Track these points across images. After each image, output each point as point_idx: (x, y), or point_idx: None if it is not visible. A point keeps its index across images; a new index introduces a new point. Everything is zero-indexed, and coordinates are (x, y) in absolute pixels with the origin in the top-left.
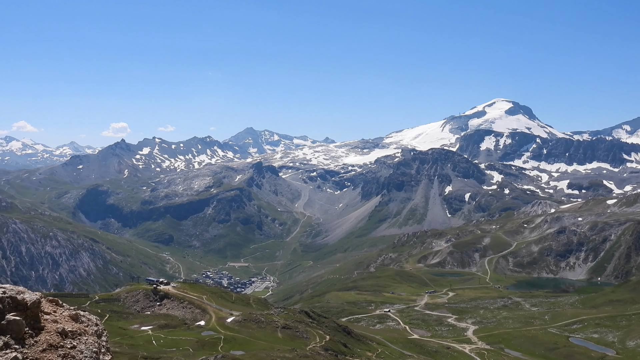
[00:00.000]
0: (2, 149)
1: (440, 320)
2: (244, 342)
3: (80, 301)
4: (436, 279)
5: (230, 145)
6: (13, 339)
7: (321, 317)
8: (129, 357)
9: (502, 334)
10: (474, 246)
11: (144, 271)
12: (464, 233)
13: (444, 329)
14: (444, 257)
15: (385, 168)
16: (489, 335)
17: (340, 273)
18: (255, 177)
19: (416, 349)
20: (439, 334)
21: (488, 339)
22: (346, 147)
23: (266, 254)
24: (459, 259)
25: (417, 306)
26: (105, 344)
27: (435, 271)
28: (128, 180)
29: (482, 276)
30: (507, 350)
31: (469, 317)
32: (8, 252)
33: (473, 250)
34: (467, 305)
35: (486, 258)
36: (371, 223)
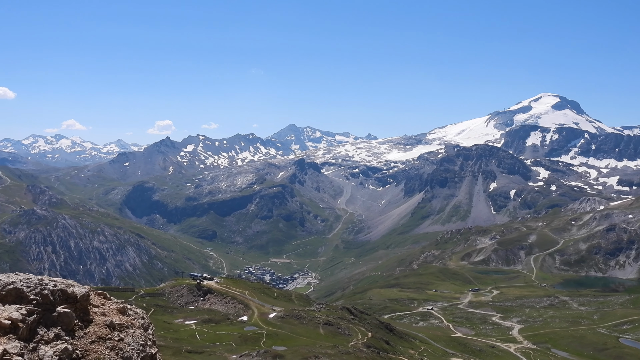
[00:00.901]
0: (53, 146)
1: (484, 319)
2: (286, 338)
3: (126, 295)
4: (480, 276)
5: (272, 142)
6: (63, 331)
7: (363, 314)
8: (173, 350)
9: (549, 334)
10: (520, 244)
11: (188, 266)
12: (509, 230)
13: (488, 327)
14: (489, 254)
15: (428, 164)
16: (534, 335)
17: (382, 270)
18: (298, 173)
19: (460, 347)
20: (483, 332)
21: (534, 339)
22: (389, 144)
23: (308, 250)
24: (503, 256)
25: (461, 304)
26: (152, 337)
27: (479, 269)
28: (173, 177)
29: (528, 274)
30: (553, 350)
31: (514, 315)
32: (58, 247)
33: (518, 248)
34: (512, 304)
35: (532, 256)
36: (414, 220)
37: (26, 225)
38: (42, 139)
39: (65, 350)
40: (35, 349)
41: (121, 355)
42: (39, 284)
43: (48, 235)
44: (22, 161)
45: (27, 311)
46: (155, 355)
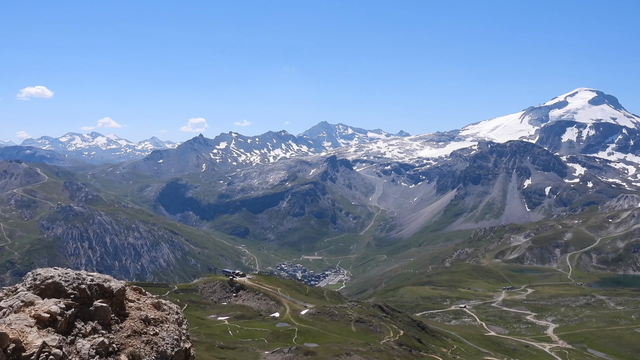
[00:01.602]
0: (89, 144)
1: (518, 318)
2: (318, 335)
3: (160, 291)
4: (514, 275)
5: (304, 139)
6: (100, 325)
7: (395, 312)
8: (206, 346)
9: (585, 333)
10: (555, 242)
11: (221, 263)
12: (544, 228)
13: (522, 326)
14: (523, 252)
15: (461, 161)
16: (570, 334)
17: (414, 267)
18: (330, 170)
19: (493, 346)
20: (517, 331)
21: (569, 338)
22: (421, 140)
23: (340, 247)
24: (538, 254)
25: (494, 302)
26: (186, 332)
27: (513, 267)
28: (206, 174)
29: (563, 273)
30: (590, 350)
31: (549, 314)
32: (94, 243)
33: (554, 246)
34: (547, 303)
35: (568, 254)
36: (446, 217)
37: (63, 221)
38: (78, 137)
39: (102, 344)
40: (73, 342)
41: (156, 349)
42: (76, 278)
43: (84, 231)
44: (59, 158)
45: (65, 305)
46: (189, 350)
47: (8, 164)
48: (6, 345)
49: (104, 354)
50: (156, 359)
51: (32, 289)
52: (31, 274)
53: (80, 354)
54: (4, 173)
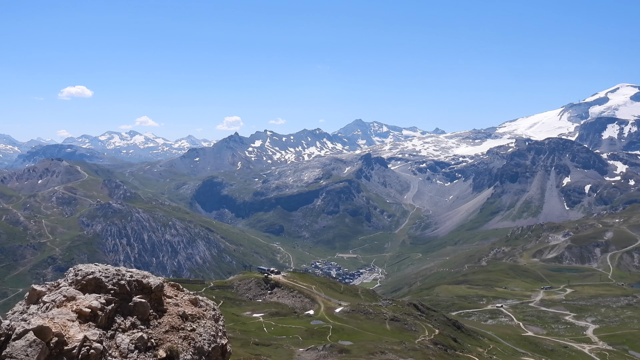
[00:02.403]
0: (127, 142)
1: (556, 318)
2: (352, 333)
3: (196, 287)
4: (552, 274)
5: (339, 137)
6: (139, 320)
7: (430, 311)
8: (242, 342)
9: (626, 335)
10: (595, 241)
11: (256, 260)
12: (584, 227)
13: (560, 326)
14: (562, 251)
15: (498, 159)
16: (611, 335)
17: (450, 266)
18: (364, 168)
19: (530, 346)
20: (555, 332)
21: (610, 339)
22: (457, 138)
23: (374, 245)
24: (577, 254)
25: (532, 302)
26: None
27: (551, 266)
28: (241, 172)
29: (604, 272)
30: (631, 352)
31: (589, 315)
32: (132, 240)
33: (593, 245)
34: (586, 303)
35: (608, 254)
36: (483, 215)
37: (103, 218)
38: (117, 135)
39: (141, 339)
40: (113, 337)
41: (193, 345)
42: (116, 274)
43: (123, 228)
44: (98, 157)
45: (105, 300)
46: (225, 346)
47: (50, 162)
48: (49, 339)
49: (143, 349)
50: (193, 354)
51: (73, 285)
52: (73, 270)
53: (119, 348)
54: (45, 171)
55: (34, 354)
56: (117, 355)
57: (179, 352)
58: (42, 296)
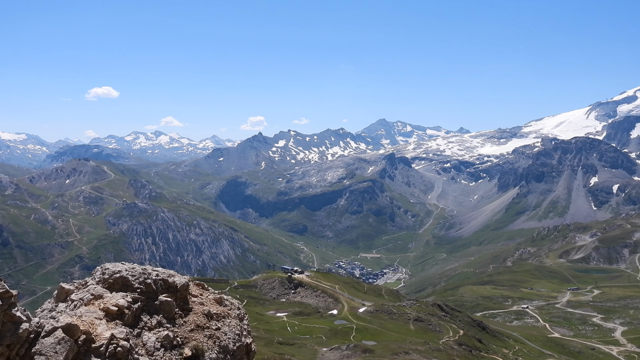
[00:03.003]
0: (152, 143)
1: (584, 319)
2: (376, 333)
3: (220, 286)
4: (579, 275)
5: (362, 136)
6: (165, 318)
7: (455, 311)
8: (266, 341)
9: None
10: (623, 241)
11: (280, 260)
12: (612, 227)
13: (588, 328)
14: (589, 252)
15: (524, 158)
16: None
17: (474, 267)
18: (388, 168)
19: (557, 348)
20: (582, 333)
21: (639, 342)
22: (482, 137)
23: (398, 245)
24: (605, 254)
25: (558, 303)
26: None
27: (578, 267)
28: (265, 172)
29: (632, 274)
30: None
31: (617, 317)
32: (157, 239)
33: (622, 246)
34: (614, 305)
35: (637, 254)
36: (508, 216)
37: (128, 217)
38: (142, 136)
39: (167, 337)
40: (140, 335)
41: (218, 343)
42: (142, 273)
43: (148, 228)
44: (124, 157)
45: (132, 299)
46: (250, 345)
47: (77, 162)
48: (77, 337)
49: (169, 347)
50: (219, 353)
51: (101, 283)
52: (100, 269)
53: (146, 346)
54: (73, 171)
55: (62, 351)
56: (144, 353)
57: (204, 351)
58: (70, 294)
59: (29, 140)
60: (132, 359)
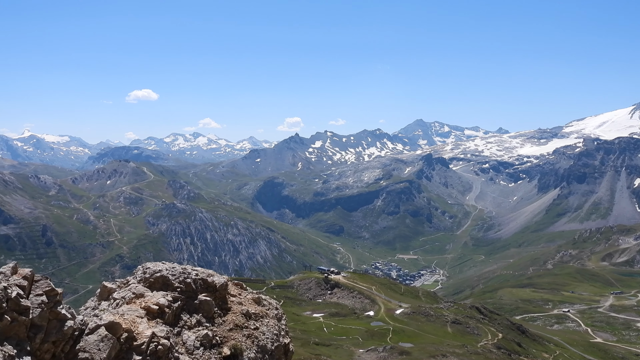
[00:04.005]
0: (191, 144)
1: (628, 324)
2: (413, 335)
3: (257, 287)
4: (623, 279)
5: (399, 137)
6: (204, 318)
7: (493, 314)
8: (302, 342)
9: None
10: None
11: (316, 260)
12: None
13: (632, 334)
14: (633, 255)
15: (565, 159)
16: None
17: (513, 269)
18: (425, 169)
19: (599, 353)
20: (626, 339)
21: None
22: (521, 138)
23: (436, 246)
24: None
25: (601, 307)
26: (285, 327)
27: (622, 270)
28: (301, 173)
29: None
30: None
31: None
32: (195, 239)
33: None
34: None
35: None
36: (548, 217)
37: (167, 218)
38: (181, 137)
39: (206, 336)
40: (180, 334)
41: (256, 343)
42: (182, 272)
43: (187, 228)
44: (164, 158)
45: (172, 298)
46: (288, 345)
47: (118, 163)
48: (119, 334)
49: (208, 346)
50: (257, 352)
51: (142, 282)
52: (141, 268)
53: (186, 345)
54: (114, 172)
55: (105, 348)
56: (184, 352)
57: (242, 350)
58: (112, 293)
59: (72, 142)
60: (173, 357)
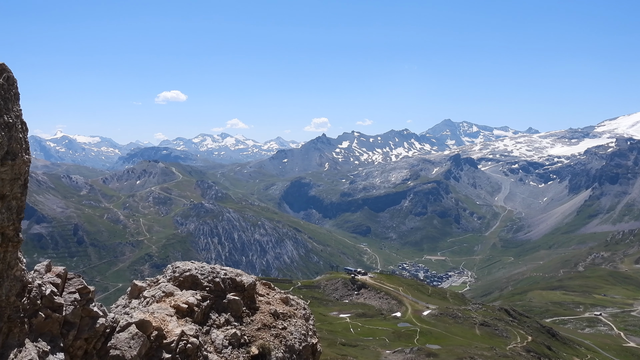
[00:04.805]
0: (219, 144)
1: None
2: (440, 337)
3: (284, 286)
4: None
5: (427, 137)
6: (233, 317)
7: (523, 317)
8: (328, 342)
9: None
10: None
11: (343, 261)
12: None
13: None
14: None
15: (597, 159)
16: None
17: (543, 271)
18: (453, 169)
19: (632, 358)
20: None
21: None
22: (551, 137)
23: (464, 248)
24: None
25: (635, 311)
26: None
27: None
28: (328, 173)
29: None
30: None
31: None
32: (223, 239)
33: None
34: None
35: None
36: (580, 219)
37: (195, 217)
38: (209, 138)
39: (235, 335)
40: (208, 332)
41: (284, 343)
42: (211, 272)
43: (214, 228)
44: (192, 158)
45: (201, 297)
46: (315, 346)
47: (147, 163)
48: (150, 332)
49: (236, 345)
50: (285, 352)
51: (171, 281)
52: (171, 267)
53: (214, 344)
54: (143, 172)
55: (136, 346)
56: (212, 351)
57: (270, 350)
58: (142, 291)
59: (103, 143)
60: (201, 355)
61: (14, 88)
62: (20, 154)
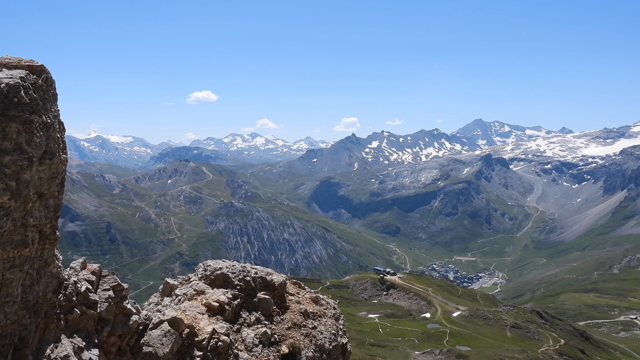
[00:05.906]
0: (249, 144)
1: None
2: (470, 338)
3: (313, 286)
4: None
5: (457, 137)
6: (263, 315)
7: (555, 319)
8: (357, 342)
9: None
10: None
11: (372, 261)
12: None
13: None
14: None
15: (633, 160)
16: None
17: (577, 273)
18: (484, 169)
19: None
20: None
21: None
22: (586, 137)
23: (495, 249)
24: None
25: None
26: (342, 327)
27: None
28: (357, 173)
29: None
30: None
31: None
32: (252, 238)
33: None
34: None
35: None
36: (615, 220)
37: (225, 216)
38: (239, 137)
39: (265, 334)
40: (239, 331)
41: (314, 342)
42: (242, 270)
43: (244, 227)
44: (222, 158)
45: (232, 295)
46: (345, 345)
47: (178, 163)
48: (182, 330)
49: (267, 344)
50: (315, 352)
51: (203, 279)
52: (202, 265)
53: (245, 342)
54: (174, 172)
55: (168, 343)
56: (243, 349)
57: (300, 349)
58: (174, 289)
59: (135, 143)
60: (232, 354)
61: (53, 89)
62: (58, 154)
